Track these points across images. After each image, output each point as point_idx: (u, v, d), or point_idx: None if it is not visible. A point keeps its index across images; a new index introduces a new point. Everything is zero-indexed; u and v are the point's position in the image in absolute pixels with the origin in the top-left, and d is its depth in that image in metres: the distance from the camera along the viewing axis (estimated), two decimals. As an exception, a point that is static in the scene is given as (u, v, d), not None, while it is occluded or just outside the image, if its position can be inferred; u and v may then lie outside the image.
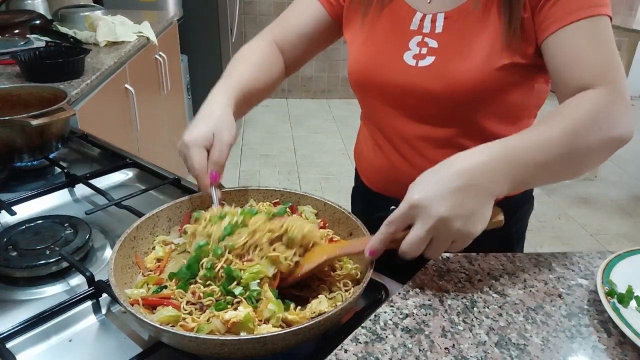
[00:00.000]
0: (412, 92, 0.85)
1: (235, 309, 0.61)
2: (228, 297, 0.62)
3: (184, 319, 0.60)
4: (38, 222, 0.88)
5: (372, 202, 1.02)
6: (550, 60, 0.77)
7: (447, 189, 0.60)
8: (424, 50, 0.83)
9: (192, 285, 0.64)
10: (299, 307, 0.64)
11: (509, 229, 0.98)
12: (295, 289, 0.68)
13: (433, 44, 0.83)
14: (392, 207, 0.98)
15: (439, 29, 0.83)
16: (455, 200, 0.59)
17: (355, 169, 1.10)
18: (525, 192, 1.00)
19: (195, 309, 0.62)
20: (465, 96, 0.81)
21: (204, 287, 0.64)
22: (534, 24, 0.77)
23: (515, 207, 0.99)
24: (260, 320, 0.60)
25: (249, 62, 0.92)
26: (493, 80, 0.79)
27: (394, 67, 0.86)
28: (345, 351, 0.56)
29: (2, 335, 0.64)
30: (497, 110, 0.84)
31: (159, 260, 0.73)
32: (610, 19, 0.75)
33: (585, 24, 0.73)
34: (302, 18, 0.96)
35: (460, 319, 0.61)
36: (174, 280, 0.66)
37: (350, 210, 0.78)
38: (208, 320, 0.59)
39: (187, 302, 0.63)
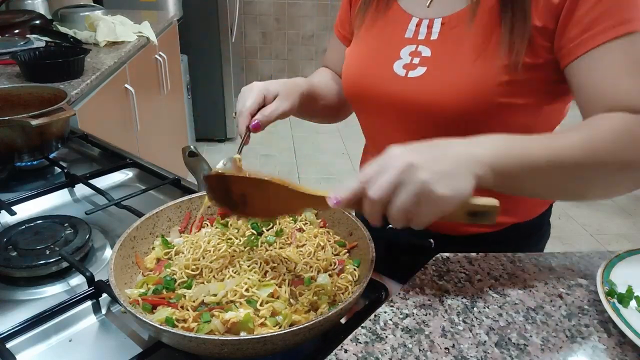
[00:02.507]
0: (403, 104, 0.79)
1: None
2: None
3: (185, 319, 0.60)
4: (38, 222, 0.88)
5: None
6: (577, 87, 0.69)
7: (427, 151, 0.57)
8: (416, 60, 0.78)
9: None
10: None
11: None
12: None
13: (426, 52, 0.77)
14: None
15: (434, 35, 0.77)
16: (429, 155, 0.56)
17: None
18: (539, 217, 0.92)
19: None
20: (457, 113, 0.74)
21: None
22: (554, 37, 0.69)
23: (525, 233, 0.91)
24: (261, 323, 0.60)
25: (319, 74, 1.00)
26: (487, 98, 0.72)
27: (383, 77, 0.80)
28: (345, 351, 0.56)
29: (2, 335, 0.64)
30: (496, 130, 0.69)
31: (159, 260, 0.73)
32: None
33: (618, 45, 0.65)
34: (335, 57, 1.01)
35: (460, 319, 0.61)
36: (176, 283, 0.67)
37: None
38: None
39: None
